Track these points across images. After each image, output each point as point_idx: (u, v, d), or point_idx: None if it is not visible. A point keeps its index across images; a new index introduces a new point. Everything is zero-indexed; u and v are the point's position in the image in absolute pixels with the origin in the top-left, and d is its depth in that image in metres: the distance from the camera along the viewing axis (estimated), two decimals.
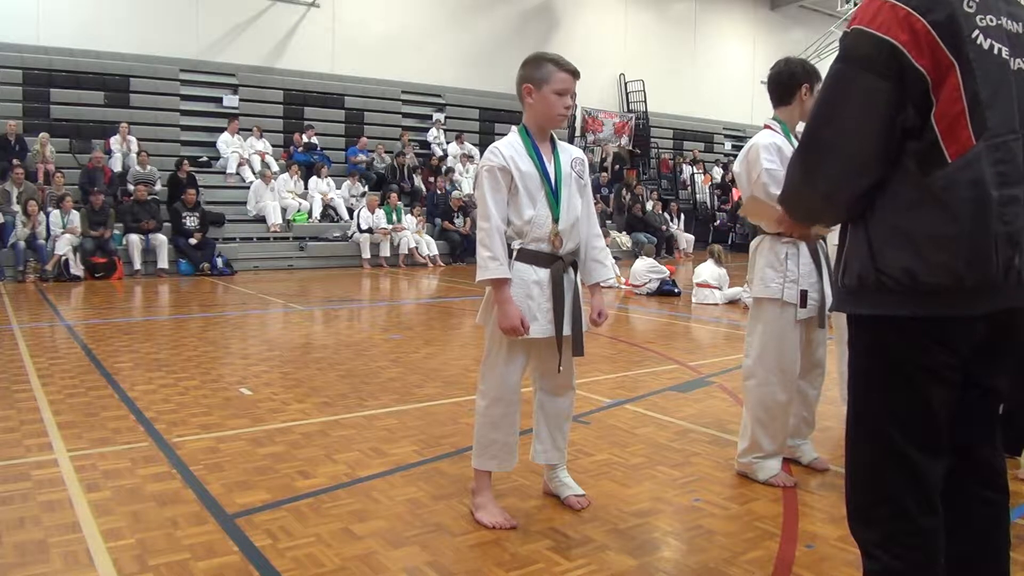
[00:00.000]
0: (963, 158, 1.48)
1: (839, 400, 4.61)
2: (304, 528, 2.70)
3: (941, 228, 1.48)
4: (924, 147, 1.50)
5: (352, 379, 5.04)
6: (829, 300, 3.16)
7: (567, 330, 2.75)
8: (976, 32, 1.50)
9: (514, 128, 2.84)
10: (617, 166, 18.81)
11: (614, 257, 11.63)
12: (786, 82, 3.19)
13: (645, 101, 20.07)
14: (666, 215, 17.62)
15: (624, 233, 16.52)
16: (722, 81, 22.17)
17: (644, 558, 2.53)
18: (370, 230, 13.42)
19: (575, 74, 2.73)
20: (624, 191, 17.45)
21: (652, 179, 19.91)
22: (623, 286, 10.60)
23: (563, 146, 2.87)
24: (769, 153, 3.06)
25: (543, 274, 2.73)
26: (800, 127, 3.06)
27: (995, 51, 1.52)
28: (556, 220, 2.72)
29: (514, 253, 2.72)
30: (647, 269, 10.29)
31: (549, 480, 3.01)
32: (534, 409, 2.95)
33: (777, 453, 3.24)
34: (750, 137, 3.35)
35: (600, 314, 2.86)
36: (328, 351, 6.03)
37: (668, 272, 10.37)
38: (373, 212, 13.54)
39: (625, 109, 20.31)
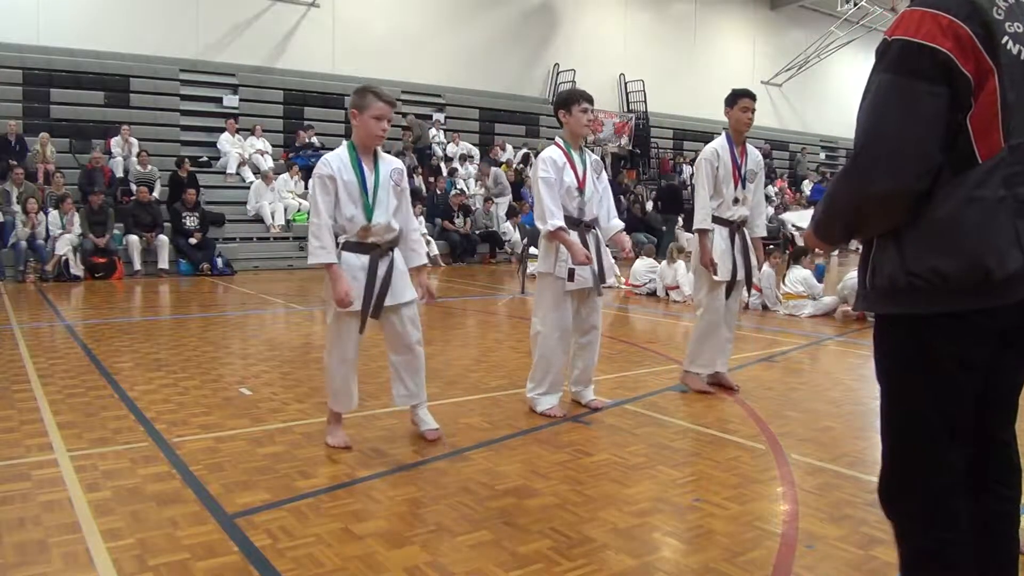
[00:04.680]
0: (991, 160, 1.53)
1: (840, 401, 4.62)
2: (304, 528, 2.70)
3: (967, 227, 1.52)
4: (958, 149, 1.54)
5: None
6: (609, 278, 4.42)
7: (389, 301, 3.49)
8: (1006, 38, 1.55)
9: (344, 142, 3.47)
10: (622, 160, 18.82)
11: (612, 257, 11.58)
12: (555, 111, 4.20)
13: (645, 101, 20.07)
14: None
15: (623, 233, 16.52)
16: (722, 81, 21.98)
17: (644, 558, 2.54)
18: None
19: (392, 104, 3.40)
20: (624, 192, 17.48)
21: (652, 179, 19.90)
22: (623, 286, 10.59)
23: (385, 158, 3.53)
24: (545, 164, 4.01)
25: (365, 260, 3.45)
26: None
27: (1022, 56, 1.57)
28: (369, 219, 3.41)
29: (341, 245, 3.43)
30: (647, 269, 10.29)
31: (413, 417, 3.77)
32: (389, 366, 3.71)
33: (552, 391, 4.17)
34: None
35: (427, 292, 3.62)
36: None
37: None
38: None
39: (625, 109, 20.30)
